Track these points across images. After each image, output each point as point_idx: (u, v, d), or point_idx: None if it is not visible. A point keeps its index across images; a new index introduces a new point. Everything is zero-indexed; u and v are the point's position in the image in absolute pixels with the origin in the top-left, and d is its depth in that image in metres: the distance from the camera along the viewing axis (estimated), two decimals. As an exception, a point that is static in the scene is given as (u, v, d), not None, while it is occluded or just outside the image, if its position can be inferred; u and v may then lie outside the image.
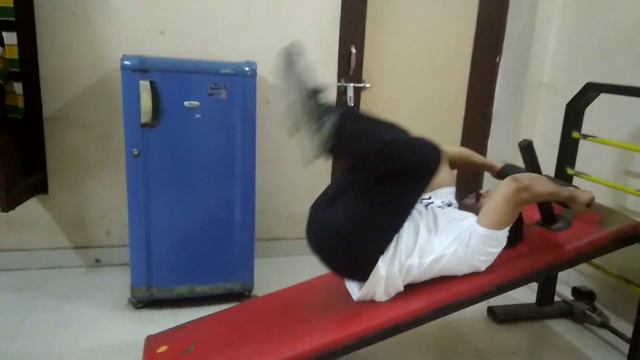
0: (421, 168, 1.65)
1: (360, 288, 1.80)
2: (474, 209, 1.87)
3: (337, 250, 1.74)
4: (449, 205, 1.97)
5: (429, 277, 1.79)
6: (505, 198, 1.69)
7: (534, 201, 1.79)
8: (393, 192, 1.66)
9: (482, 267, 1.78)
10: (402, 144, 1.64)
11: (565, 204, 1.81)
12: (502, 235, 1.74)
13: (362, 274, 1.76)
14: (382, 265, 1.71)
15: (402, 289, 1.77)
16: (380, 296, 1.77)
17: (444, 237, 1.76)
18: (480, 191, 1.99)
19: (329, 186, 1.86)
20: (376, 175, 1.68)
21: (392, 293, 1.78)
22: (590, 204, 1.78)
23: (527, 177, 1.73)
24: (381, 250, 1.70)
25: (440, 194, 2.03)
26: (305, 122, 1.61)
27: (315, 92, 1.63)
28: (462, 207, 1.98)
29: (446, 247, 1.74)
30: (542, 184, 1.74)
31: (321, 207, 1.79)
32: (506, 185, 1.70)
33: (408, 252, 1.72)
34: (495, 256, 1.78)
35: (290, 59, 1.67)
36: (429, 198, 2.00)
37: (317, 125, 1.59)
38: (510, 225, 1.74)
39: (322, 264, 1.82)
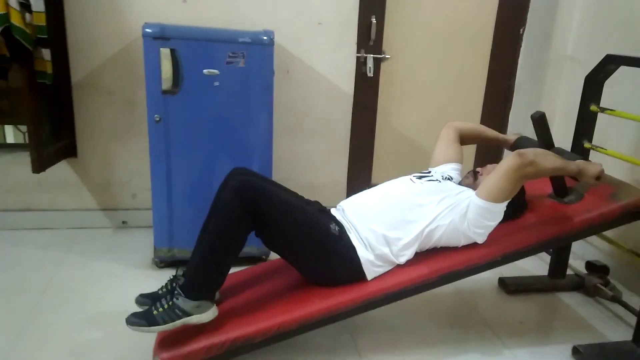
0: (250, 211, 1.71)
1: None
2: (473, 187, 1.90)
3: (327, 282, 1.84)
4: (450, 179, 1.99)
5: (429, 247, 1.85)
6: (507, 172, 1.71)
7: (538, 176, 1.79)
8: (280, 235, 1.80)
9: (479, 240, 1.81)
10: (216, 228, 1.74)
11: (574, 177, 1.82)
12: (500, 208, 1.76)
13: (356, 273, 1.82)
14: (366, 255, 1.79)
15: (398, 262, 1.84)
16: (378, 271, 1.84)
17: (434, 208, 1.80)
18: (478, 169, 2.00)
19: None
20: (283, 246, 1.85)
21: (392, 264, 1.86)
22: (600, 176, 1.78)
23: (531, 153, 1.73)
24: (347, 253, 1.79)
25: (443, 169, 2.06)
26: (175, 325, 1.66)
27: (150, 317, 1.67)
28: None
29: (441, 218, 1.79)
30: (548, 159, 1.75)
31: None
32: (510, 160, 1.71)
33: (393, 228, 1.80)
34: (491, 229, 1.81)
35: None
36: (429, 172, 2.03)
37: (182, 317, 1.66)
38: (510, 200, 1.76)
39: None
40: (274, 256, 2.52)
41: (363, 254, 1.78)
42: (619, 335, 2.12)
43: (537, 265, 2.72)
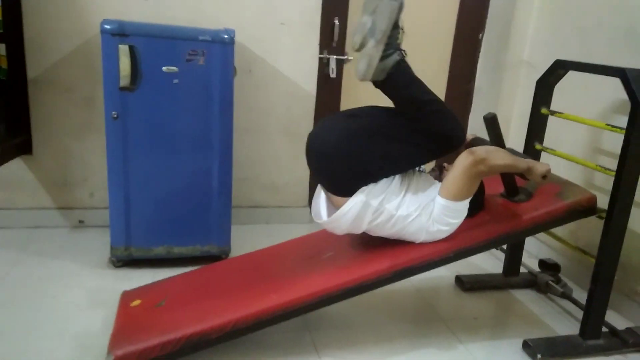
0: (447, 139, 1.78)
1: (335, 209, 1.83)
2: (438, 180, 1.95)
3: (338, 159, 1.75)
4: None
5: (388, 235, 1.87)
6: (462, 171, 1.76)
7: (492, 173, 1.85)
8: (415, 139, 1.77)
9: (440, 237, 1.85)
10: (444, 110, 1.78)
11: (523, 175, 1.88)
12: (462, 206, 1.82)
13: (346, 188, 1.77)
14: (367, 192, 1.74)
15: (363, 229, 1.83)
16: (346, 222, 1.79)
17: (414, 199, 1.83)
18: (444, 164, 2.06)
19: (352, 109, 1.91)
20: (407, 118, 1.77)
21: (355, 229, 1.83)
22: (546, 175, 1.85)
23: (483, 150, 1.79)
24: (375, 178, 1.76)
25: None
26: (376, 45, 1.69)
27: (397, 26, 1.73)
28: None
29: (414, 210, 1.82)
30: (499, 156, 1.81)
31: (338, 117, 1.89)
32: (463, 158, 1.77)
33: (389, 199, 1.78)
34: (456, 227, 1.86)
35: None
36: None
37: (385, 54, 1.69)
38: (471, 197, 1.82)
39: (313, 169, 1.89)
40: (232, 255, 2.54)
41: (369, 190, 1.76)
42: (568, 330, 2.20)
43: (492, 263, 2.80)
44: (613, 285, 2.01)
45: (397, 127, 1.77)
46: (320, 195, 1.91)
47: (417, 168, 1.99)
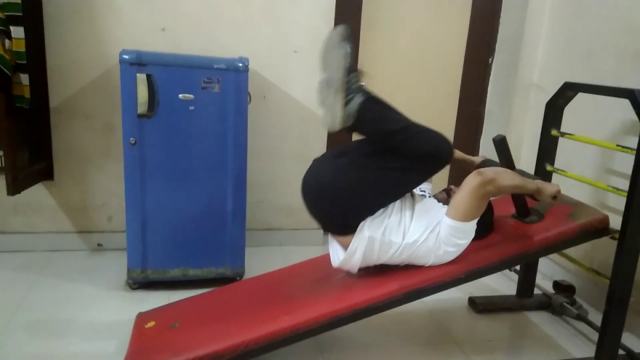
0: (433, 157, 1.79)
1: (345, 251, 1.87)
2: (445, 204, 1.96)
3: (332, 197, 1.81)
4: (424, 195, 2.06)
5: (399, 262, 1.89)
6: (470, 191, 1.78)
7: (500, 194, 1.87)
8: (403, 164, 1.79)
9: (448, 259, 1.86)
10: (420, 131, 1.78)
11: (533, 196, 1.89)
12: (470, 227, 1.83)
13: (345, 225, 1.82)
14: (367, 226, 1.79)
15: (377, 262, 1.86)
16: (357, 261, 1.84)
17: (419, 224, 1.85)
18: (451, 186, 2.07)
19: (339, 146, 1.96)
20: (392, 147, 1.80)
21: (369, 262, 1.87)
22: (556, 196, 1.86)
23: (491, 171, 1.81)
24: (370, 210, 1.80)
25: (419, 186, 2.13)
26: (335, 95, 1.71)
27: (351, 71, 1.74)
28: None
29: (420, 235, 1.84)
30: (507, 177, 1.83)
31: (327, 157, 1.92)
32: (471, 179, 1.79)
33: (392, 229, 1.81)
34: (463, 248, 1.87)
35: (339, 38, 1.74)
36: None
37: (346, 100, 1.71)
38: (478, 218, 1.83)
39: (311, 212, 1.91)
40: (246, 276, 2.56)
41: (369, 224, 1.80)
42: (583, 353, 2.17)
43: (506, 285, 2.78)
44: (629, 306, 1.99)
45: (383, 156, 1.79)
46: (332, 241, 1.96)
47: (418, 192, 2.02)
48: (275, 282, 2.18)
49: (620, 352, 2.05)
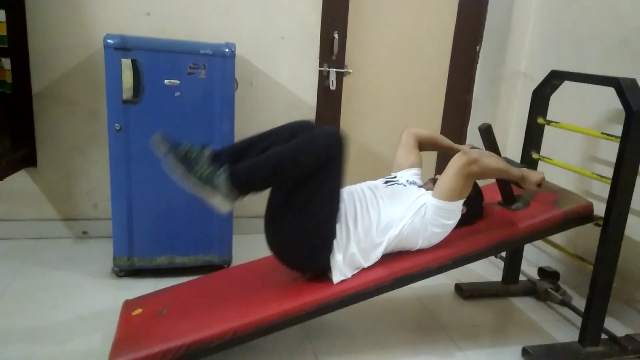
0: (328, 156, 1.73)
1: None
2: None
3: (291, 258, 1.90)
4: (413, 183, 2.07)
5: (391, 250, 1.90)
6: (455, 171, 1.79)
7: (484, 175, 1.88)
8: (313, 185, 1.76)
9: (436, 241, 1.88)
10: (291, 151, 1.72)
11: (518, 184, 1.91)
12: (455, 207, 1.84)
13: (321, 263, 1.86)
14: (337, 251, 1.82)
15: (365, 265, 1.88)
16: (351, 273, 1.87)
17: (401, 211, 1.86)
18: (437, 176, 2.08)
19: (269, 199, 1.94)
20: (292, 184, 1.78)
21: (358, 268, 1.89)
22: (541, 183, 1.88)
23: (476, 152, 1.83)
24: (329, 237, 1.81)
25: (407, 174, 2.14)
26: (204, 192, 1.70)
27: (193, 167, 1.69)
28: None
29: (399, 222, 1.86)
30: (491, 159, 1.84)
31: (268, 219, 1.93)
32: (456, 159, 1.81)
33: (366, 232, 1.83)
34: (450, 229, 1.88)
35: (162, 146, 1.73)
36: (394, 177, 2.10)
37: (212, 188, 1.68)
38: (464, 199, 1.84)
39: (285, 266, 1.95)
40: (234, 264, 2.56)
41: (338, 247, 1.82)
42: (567, 337, 2.21)
43: (492, 271, 2.81)
44: (612, 292, 2.02)
45: (296, 193, 1.78)
46: None
47: (380, 183, 2.02)
48: (263, 270, 2.18)
49: (603, 336, 2.09)
